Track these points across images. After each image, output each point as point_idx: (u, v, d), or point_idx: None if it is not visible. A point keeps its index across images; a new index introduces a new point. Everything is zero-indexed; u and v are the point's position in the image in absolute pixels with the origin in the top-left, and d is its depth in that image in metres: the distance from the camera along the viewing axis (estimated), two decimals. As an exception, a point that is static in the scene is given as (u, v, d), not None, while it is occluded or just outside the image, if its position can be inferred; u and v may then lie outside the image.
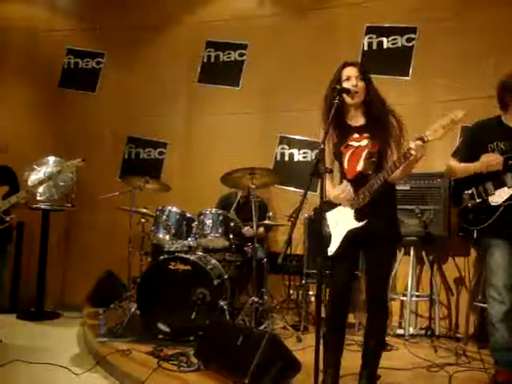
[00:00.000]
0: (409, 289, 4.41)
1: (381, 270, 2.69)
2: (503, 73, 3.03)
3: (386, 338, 4.14)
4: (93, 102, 6.31)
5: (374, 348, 2.72)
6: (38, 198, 5.37)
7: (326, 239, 2.67)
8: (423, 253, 4.45)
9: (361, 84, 2.68)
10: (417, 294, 4.54)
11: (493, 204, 2.93)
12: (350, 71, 2.70)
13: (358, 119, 2.76)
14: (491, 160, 2.91)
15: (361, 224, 2.61)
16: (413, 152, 2.40)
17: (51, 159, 5.51)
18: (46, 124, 6.29)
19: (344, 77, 2.70)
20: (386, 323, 2.82)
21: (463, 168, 3.05)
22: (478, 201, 3.01)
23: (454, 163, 3.11)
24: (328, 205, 2.69)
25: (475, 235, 3.02)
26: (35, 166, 5.37)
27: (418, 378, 3.21)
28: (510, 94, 2.94)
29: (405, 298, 4.46)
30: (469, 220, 3.07)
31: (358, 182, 2.64)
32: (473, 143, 3.08)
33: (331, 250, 2.67)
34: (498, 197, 2.91)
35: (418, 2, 5.09)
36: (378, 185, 2.55)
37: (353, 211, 2.64)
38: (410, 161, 2.46)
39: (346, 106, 2.73)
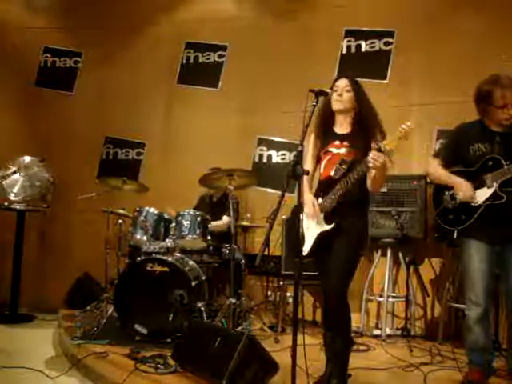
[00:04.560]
0: (385, 290, 4.45)
1: (343, 265, 2.68)
2: (480, 76, 3.06)
3: (363, 339, 4.23)
4: (70, 102, 6.23)
5: (342, 347, 2.73)
6: (13, 198, 5.28)
7: (301, 240, 2.71)
8: (400, 254, 4.51)
9: (348, 94, 2.81)
10: (393, 295, 4.58)
11: (472, 204, 2.94)
12: (339, 82, 2.85)
13: (344, 127, 2.87)
14: (464, 190, 2.94)
15: (329, 227, 2.73)
16: (370, 160, 2.49)
17: (27, 159, 5.43)
18: (23, 123, 6.19)
19: (334, 88, 2.84)
20: (349, 320, 2.76)
21: (445, 177, 3.07)
22: (458, 201, 3.01)
23: (437, 167, 3.11)
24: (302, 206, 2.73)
25: (455, 235, 3.03)
26: (9, 166, 5.29)
27: (394, 378, 3.25)
28: (483, 102, 2.97)
29: (381, 299, 4.51)
30: (449, 220, 3.08)
31: (327, 185, 2.78)
32: (455, 145, 3.11)
33: (305, 249, 2.79)
34: (478, 197, 2.92)
35: (395, 5, 5.14)
36: (343, 191, 2.66)
37: (322, 214, 2.76)
38: (370, 169, 2.56)
39: (334, 114, 2.87)
